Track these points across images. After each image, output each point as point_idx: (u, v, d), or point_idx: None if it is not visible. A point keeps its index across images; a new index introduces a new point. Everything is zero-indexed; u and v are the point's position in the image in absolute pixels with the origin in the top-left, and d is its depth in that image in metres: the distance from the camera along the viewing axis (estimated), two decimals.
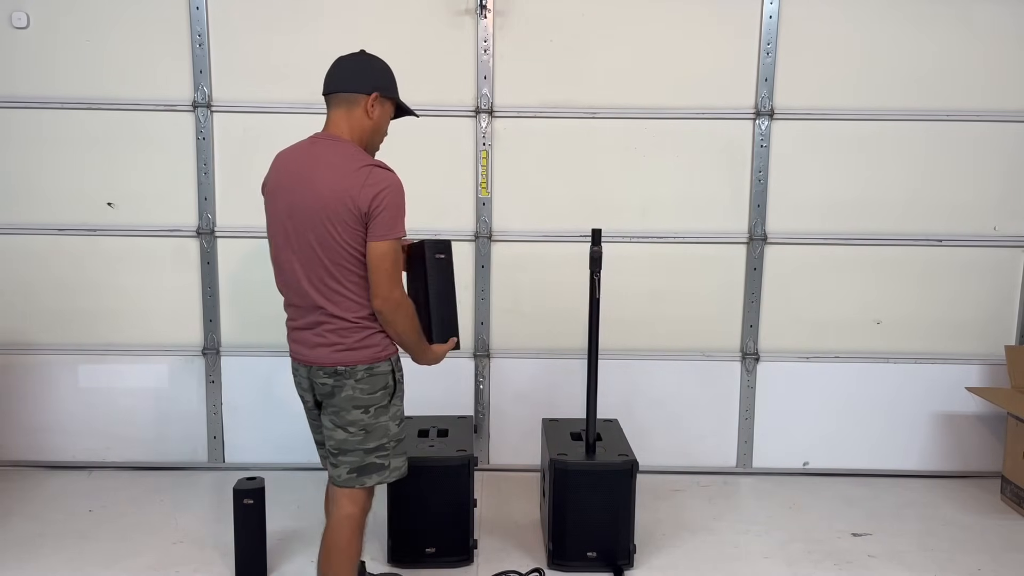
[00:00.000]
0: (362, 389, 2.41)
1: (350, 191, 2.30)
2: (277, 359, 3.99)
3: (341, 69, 2.48)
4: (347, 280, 2.37)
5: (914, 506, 3.75)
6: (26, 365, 3.97)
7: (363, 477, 2.46)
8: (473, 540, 3.19)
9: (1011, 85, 3.84)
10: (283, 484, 3.76)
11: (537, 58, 3.81)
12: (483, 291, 3.95)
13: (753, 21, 3.79)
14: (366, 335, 2.40)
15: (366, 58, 2.51)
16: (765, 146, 3.86)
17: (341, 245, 2.34)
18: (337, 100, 2.46)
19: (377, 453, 2.46)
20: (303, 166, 2.41)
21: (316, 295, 2.39)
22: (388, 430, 2.47)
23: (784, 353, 4.02)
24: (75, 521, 3.48)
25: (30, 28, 3.75)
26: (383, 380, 2.44)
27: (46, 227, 3.88)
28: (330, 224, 2.32)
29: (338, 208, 2.31)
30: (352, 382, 2.40)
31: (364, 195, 2.30)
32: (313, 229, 2.35)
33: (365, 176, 2.32)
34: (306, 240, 2.37)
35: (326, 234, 2.34)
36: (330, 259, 2.35)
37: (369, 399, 2.42)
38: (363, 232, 2.34)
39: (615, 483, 3.11)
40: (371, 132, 2.48)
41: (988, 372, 4.02)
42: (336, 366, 2.40)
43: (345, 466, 2.46)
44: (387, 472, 2.49)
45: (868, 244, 3.94)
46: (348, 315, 2.39)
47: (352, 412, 2.42)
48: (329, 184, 2.33)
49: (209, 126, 3.82)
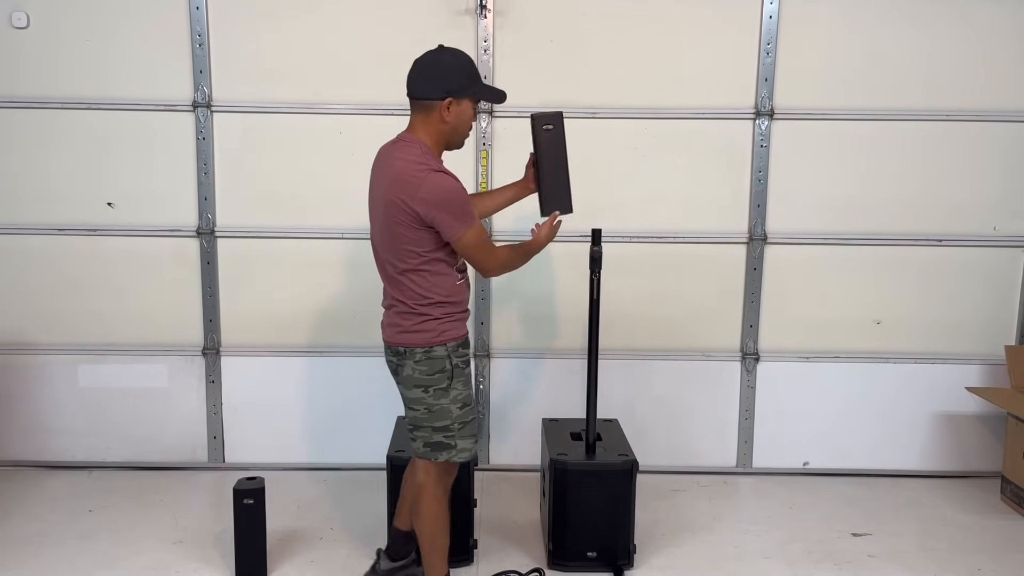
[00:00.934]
0: (421, 370, 2.58)
1: (405, 198, 2.46)
2: (277, 359, 4.00)
3: (417, 73, 2.55)
4: (407, 271, 2.55)
5: (914, 506, 3.75)
6: (26, 365, 3.97)
7: (435, 452, 2.64)
8: (473, 540, 3.19)
9: (1011, 85, 3.84)
10: (283, 484, 3.76)
11: (537, 58, 3.81)
12: (483, 291, 3.95)
13: (753, 21, 3.79)
14: (421, 321, 2.56)
15: (440, 58, 2.55)
16: (765, 146, 3.86)
17: (400, 241, 2.52)
18: (416, 104, 2.56)
19: (444, 433, 2.62)
20: (380, 165, 2.62)
21: (386, 281, 2.64)
22: (451, 412, 2.62)
23: (784, 353, 4.02)
24: (75, 521, 3.48)
25: (30, 28, 3.75)
26: (440, 364, 2.59)
27: (46, 227, 3.88)
28: (392, 222, 2.52)
29: (396, 211, 2.49)
30: (411, 363, 2.59)
31: (418, 203, 2.45)
32: (384, 223, 2.56)
33: (418, 184, 2.45)
34: (379, 231, 2.60)
35: (388, 230, 2.54)
36: (393, 251, 2.55)
37: (428, 380, 2.59)
38: (425, 231, 2.50)
39: (615, 483, 3.11)
40: (449, 133, 2.58)
41: (988, 372, 4.02)
42: (397, 346, 2.60)
43: (419, 440, 2.65)
44: (455, 451, 2.64)
45: (868, 244, 3.94)
46: (408, 301, 2.57)
47: (414, 391, 2.61)
48: (389, 187, 2.51)
49: (209, 126, 3.82)
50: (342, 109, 3.82)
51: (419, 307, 2.56)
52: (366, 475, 3.90)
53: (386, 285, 2.65)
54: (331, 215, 3.89)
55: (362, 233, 3.88)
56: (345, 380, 4.00)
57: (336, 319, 3.98)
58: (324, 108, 3.83)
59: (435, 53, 2.57)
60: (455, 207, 2.47)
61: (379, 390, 3.98)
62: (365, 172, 3.86)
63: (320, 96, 3.83)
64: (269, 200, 3.89)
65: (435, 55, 2.56)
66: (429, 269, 2.54)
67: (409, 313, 2.57)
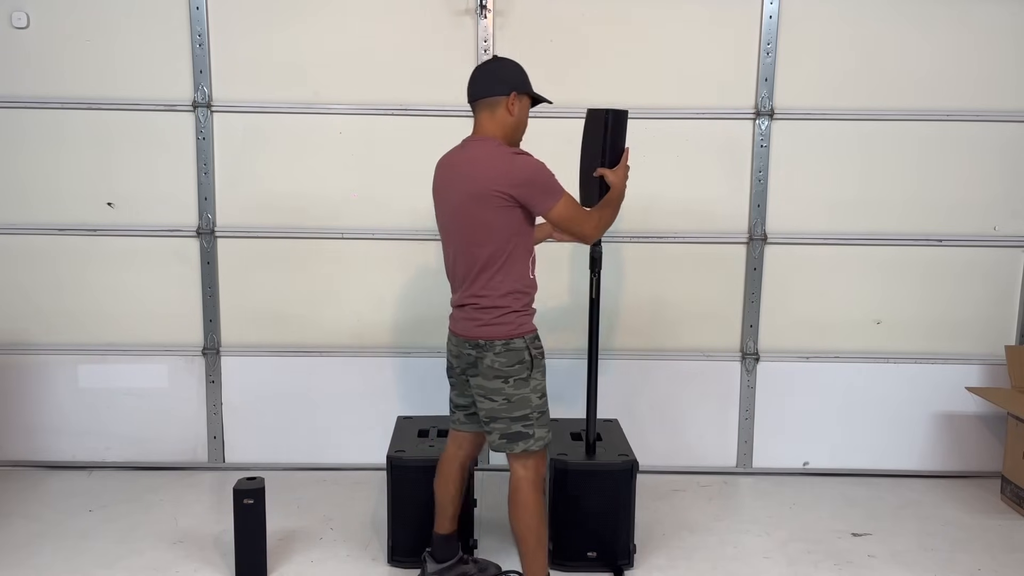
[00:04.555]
0: (500, 362, 2.66)
1: (498, 178, 2.58)
2: (277, 359, 4.00)
3: (479, 77, 2.74)
4: (490, 263, 2.63)
5: (914, 506, 3.75)
6: (26, 365, 3.97)
7: (512, 443, 2.70)
8: (473, 540, 3.19)
9: (1011, 85, 3.84)
10: (283, 484, 3.76)
11: (537, 58, 3.78)
12: None
13: (753, 21, 3.79)
14: (502, 313, 2.66)
15: (500, 62, 2.77)
16: (765, 146, 3.86)
17: (489, 231, 2.61)
18: (481, 106, 2.72)
19: (522, 422, 2.70)
20: (457, 164, 2.71)
21: (464, 280, 2.70)
22: (530, 401, 2.70)
23: (784, 353, 4.02)
24: (75, 521, 3.48)
25: (30, 28, 3.75)
26: (519, 355, 2.68)
27: (46, 227, 3.88)
28: (481, 212, 2.60)
29: (484, 200, 2.58)
30: (491, 355, 2.67)
31: (513, 182, 2.58)
32: (465, 219, 2.64)
33: (510, 163, 2.60)
34: (459, 230, 2.67)
35: (474, 223, 2.62)
36: (479, 243, 2.63)
37: (508, 371, 2.67)
38: (513, 213, 2.61)
39: (615, 483, 3.11)
40: (513, 128, 2.72)
41: (988, 372, 4.02)
42: (477, 339, 2.68)
43: (496, 432, 2.72)
44: (532, 440, 2.71)
45: (868, 244, 3.94)
46: (490, 294, 2.66)
47: (494, 381, 2.68)
48: (479, 174, 2.61)
49: (209, 126, 3.82)
50: (342, 109, 3.82)
51: (500, 301, 2.66)
52: (366, 475, 3.90)
53: (462, 284, 2.71)
54: (331, 215, 3.90)
55: (362, 233, 3.93)
56: (345, 380, 4.00)
57: (336, 319, 3.98)
58: (324, 108, 3.83)
59: (495, 60, 2.81)
60: (544, 182, 2.62)
61: (379, 390, 3.99)
62: (365, 172, 3.90)
63: (320, 96, 3.83)
64: (269, 200, 3.89)
65: (495, 61, 2.79)
66: (512, 259, 2.65)
67: (489, 307, 2.66)
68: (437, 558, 2.96)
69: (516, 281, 2.68)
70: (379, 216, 3.90)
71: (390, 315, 3.98)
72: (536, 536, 2.73)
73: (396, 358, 4.00)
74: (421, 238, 3.91)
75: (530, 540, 2.73)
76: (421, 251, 3.93)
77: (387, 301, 3.97)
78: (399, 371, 4.00)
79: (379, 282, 3.96)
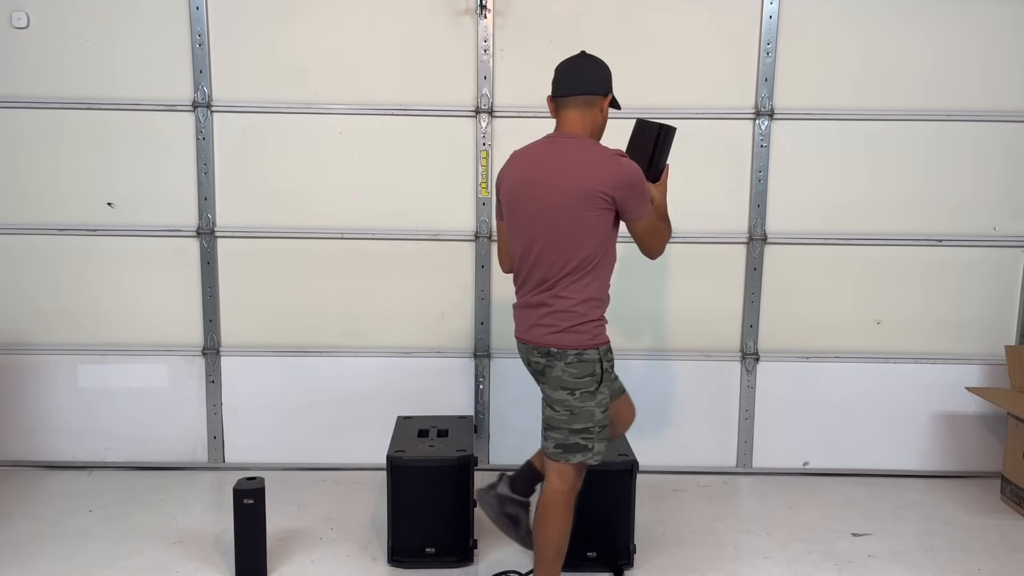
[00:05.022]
0: (570, 372, 2.59)
1: (604, 178, 2.52)
2: (277, 359, 4.00)
3: (580, 72, 2.64)
4: (579, 266, 2.57)
5: (914, 506, 3.75)
6: (26, 365, 3.97)
7: (567, 454, 2.63)
8: (473, 540, 3.19)
9: (1011, 85, 3.84)
10: (283, 484, 3.76)
11: (537, 58, 3.79)
12: (483, 291, 3.95)
13: (753, 21, 3.79)
14: (579, 323, 2.58)
15: (596, 60, 2.68)
16: (765, 146, 3.86)
17: (586, 230, 2.55)
18: (576, 101, 2.63)
19: (582, 435, 2.62)
20: (550, 161, 2.61)
21: (545, 281, 2.61)
22: (593, 415, 2.63)
23: (784, 353, 4.02)
24: (75, 521, 3.48)
25: (30, 28, 3.75)
26: (591, 367, 2.60)
27: (46, 227, 3.88)
28: (581, 211, 2.53)
29: (586, 200, 2.52)
30: (562, 364, 2.59)
31: (617, 184, 2.53)
32: (563, 217, 2.55)
33: (615, 166, 2.55)
34: (552, 228, 2.57)
35: (575, 222, 2.54)
36: (573, 243, 2.56)
37: (576, 383, 2.59)
38: (610, 216, 2.57)
39: (615, 483, 3.11)
40: (600, 128, 2.70)
41: (988, 372, 4.02)
42: (549, 347, 2.59)
43: (552, 441, 2.65)
44: (590, 454, 2.64)
45: (868, 244, 3.94)
46: (571, 298, 2.59)
47: (559, 392, 2.61)
48: (581, 174, 2.54)
49: (209, 126, 3.82)
50: (342, 109, 3.82)
51: (580, 307, 2.59)
52: (366, 475, 3.90)
53: (540, 284, 2.63)
54: (331, 215, 3.90)
55: (362, 233, 3.92)
56: (345, 380, 4.00)
57: (336, 319, 3.97)
58: (324, 108, 3.83)
59: (586, 56, 2.68)
60: (642, 188, 2.60)
61: (379, 390, 3.99)
62: (365, 172, 3.90)
63: (320, 96, 3.83)
64: (269, 200, 3.89)
65: (588, 57, 2.67)
66: (600, 265, 2.61)
67: (566, 313, 2.59)
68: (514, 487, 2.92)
69: (598, 289, 2.63)
70: (379, 216, 3.90)
71: (390, 315, 3.98)
72: (556, 550, 2.67)
73: (396, 358, 4.00)
74: (421, 238, 3.91)
75: (548, 552, 2.67)
76: (421, 251, 3.93)
77: (387, 301, 3.97)
78: (399, 371, 4.00)
79: (379, 282, 3.96)
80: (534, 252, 2.61)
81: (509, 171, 2.71)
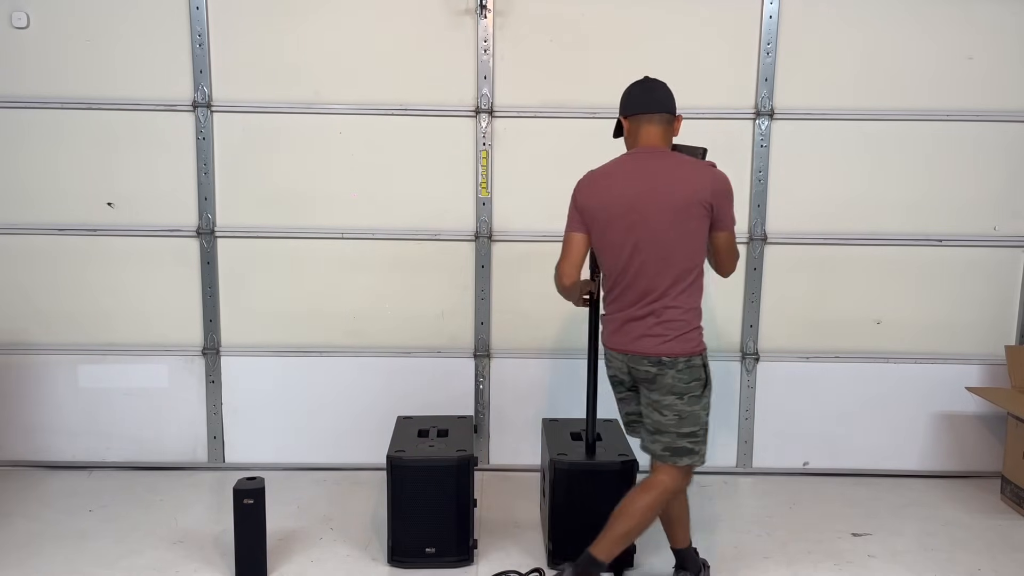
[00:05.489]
0: (681, 379, 2.67)
1: (704, 187, 2.63)
2: (277, 359, 4.00)
3: (661, 92, 2.79)
4: (687, 274, 2.67)
5: (914, 506, 3.75)
6: (26, 365, 3.97)
7: (675, 457, 2.73)
8: (473, 540, 3.19)
9: (1011, 85, 3.84)
10: (283, 484, 3.76)
11: (537, 58, 3.81)
12: (483, 291, 3.95)
13: (753, 21, 3.79)
14: (688, 330, 2.69)
15: (663, 83, 2.82)
16: (765, 146, 3.86)
17: (695, 239, 2.65)
18: (660, 119, 2.75)
19: (689, 439, 2.72)
20: (647, 175, 2.68)
21: (651, 291, 2.67)
22: (700, 418, 2.73)
23: (784, 353, 4.02)
24: (75, 521, 3.48)
25: (30, 28, 3.75)
26: (697, 372, 2.70)
27: (46, 227, 3.88)
28: (686, 221, 2.63)
29: (694, 209, 2.62)
30: (673, 372, 2.67)
31: (715, 191, 2.64)
32: (670, 228, 2.63)
33: (712, 176, 2.66)
34: (659, 239, 2.64)
35: (683, 232, 2.64)
36: (684, 252, 2.65)
37: (685, 388, 2.68)
38: (707, 225, 2.67)
39: (615, 483, 3.10)
40: None
41: (988, 372, 4.02)
42: (661, 356, 2.66)
43: (660, 444, 2.74)
44: (697, 457, 2.75)
45: (868, 244, 3.94)
46: (680, 306, 2.68)
47: (668, 397, 2.69)
48: (682, 185, 2.64)
49: (209, 126, 3.82)
50: (342, 109, 3.82)
51: (686, 315, 2.68)
52: (366, 475, 3.90)
53: (644, 296, 2.68)
54: (331, 215, 3.90)
55: (362, 233, 3.92)
56: (345, 380, 4.00)
57: (336, 319, 3.97)
58: (324, 108, 3.83)
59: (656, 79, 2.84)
60: (732, 197, 2.71)
61: (379, 390, 3.99)
62: (365, 172, 3.90)
63: (320, 96, 3.83)
64: (269, 200, 3.89)
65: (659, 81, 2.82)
66: (700, 273, 2.71)
67: (675, 322, 2.67)
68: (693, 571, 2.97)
69: (699, 297, 2.72)
70: (379, 216, 3.90)
71: (390, 315, 3.98)
72: (627, 534, 2.74)
73: (396, 358, 4.00)
74: (421, 238, 3.91)
75: (619, 530, 2.72)
76: (421, 251, 3.93)
77: (387, 301, 3.97)
78: (399, 371, 4.00)
79: (379, 282, 3.96)
80: (635, 264, 2.66)
81: (595, 189, 2.75)
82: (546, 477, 3.26)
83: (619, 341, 2.76)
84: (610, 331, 2.80)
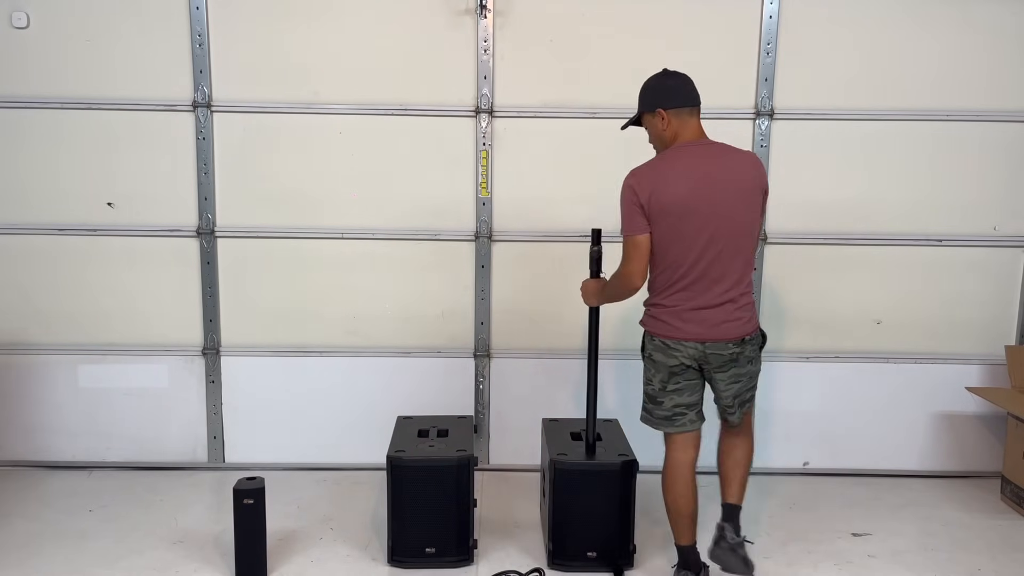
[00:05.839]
0: (754, 348, 2.92)
1: (761, 176, 2.82)
2: (277, 359, 4.00)
3: (694, 84, 2.90)
4: (750, 260, 2.84)
5: (914, 506, 3.75)
6: (26, 365, 3.97)
7: (751, 403, 3.08)
8: (473, 540, 3.19)
9: (1012, 85, 3.84)
10: (283, 484, 3.76)
11: (537, 58, 3.81)
12: (483, 291, 3.95)
13: (753, 21, 3.79)
14: (752, 307, 2.90)
15: None
16: (765, 146, 3.86)
17: (756, 227, 2.83)
18: (697, 111, 2.88)
19: (752, 391, 3.05)
20: (712, 166, 2.77)
21: (725, 276, 2.78)
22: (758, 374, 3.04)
23: (783, 353, 4.01)
24: (75, 521, 3.48)
25: (30, 28, 3.75)
26: (760, 340, 2.97)
27: (46, 227, 3.88)
28: (752, 209, 2.78)
29: (755, 190, 2.79)
30: (751, 346, 2.89)
31: (765, 178, 2.84)
32: (742, 216, 2.76)
33: (759, 163, 2.88)
34: (733, 228, 2.75)
35: (751, 219, 2.79)
36: (746, 241, 2.80)
37: (755, 354, 2.95)
38: None
39: (615, 483, 3.11)
40: None
41: (988, 372, 4.02)
42: (744, 337, 2.85)
43: (744, 405, 3.04)
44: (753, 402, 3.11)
45: (868, 244, 3.94)
46: (749, 292, 2.86)
47: (747, 367, 2.92)
48: (746, 172, 2.79)
49: (209, 126, 3.82)
50: (342, 109, 3.82)
51: (751, 295, 2.89)
52: (366, 475, 3.90)
53: (718, 282, 2.78)
54: (331, 215, 3.90)
55: (362, 233, 3.92)
56: (345, 380, 4.00)
57: (336, 319, 3.97)
58: (324, 108, 3.83)
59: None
60: None
61: (379, 390, 3.99)
62: (365, 172, 3.90)
63: (320, 96, 3.83)
64: (269, 200, 3.89)
65: None
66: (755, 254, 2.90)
67: (749, 304, 2.87)
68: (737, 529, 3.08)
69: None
70: (379, 216, 3.90)
71: (390, 315, 3.98)
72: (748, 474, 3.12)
73: (396, 358, 4.00)
74: (421, 238, 3.91)
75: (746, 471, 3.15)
76: (421, 251, 3.93)
77: (387, 301, 3.97)
78: (399, 371, 4.00)
79: (379, 282, 3.96)
80: (710, 254, 2.74)
81: (662, 185, 2.75)
82: (546, 477, 3.26)
83: (693, 331, 2.81)
84: (676, 322, 2.82)
